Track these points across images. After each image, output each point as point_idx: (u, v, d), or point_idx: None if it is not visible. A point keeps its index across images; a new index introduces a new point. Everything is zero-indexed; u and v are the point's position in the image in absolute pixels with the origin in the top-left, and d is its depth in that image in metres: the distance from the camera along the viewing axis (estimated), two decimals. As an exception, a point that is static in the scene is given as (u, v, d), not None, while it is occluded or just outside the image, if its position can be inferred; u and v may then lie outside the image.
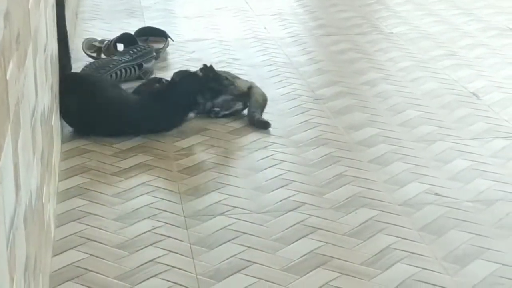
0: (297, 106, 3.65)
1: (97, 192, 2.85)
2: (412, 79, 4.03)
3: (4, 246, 1.39)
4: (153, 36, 4.47)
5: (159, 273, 2.35)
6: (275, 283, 2.30)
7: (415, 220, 2.66)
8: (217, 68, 3.64)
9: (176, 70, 3.78)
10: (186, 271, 2.36)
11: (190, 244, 2.51)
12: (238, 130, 3.41)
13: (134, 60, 3.97)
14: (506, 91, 3.84)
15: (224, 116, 3.50)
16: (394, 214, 2.70)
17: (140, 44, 4.14)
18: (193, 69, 3.61)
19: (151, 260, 2.41)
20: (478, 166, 3.07)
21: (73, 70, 3.71)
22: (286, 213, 2.70)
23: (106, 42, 4.21)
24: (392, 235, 2.56)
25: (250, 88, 3.58)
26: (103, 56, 4.14)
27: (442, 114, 3.58)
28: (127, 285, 2.29)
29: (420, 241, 2.53)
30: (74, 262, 2.40)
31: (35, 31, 2.29)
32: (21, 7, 1.92)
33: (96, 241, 2.52)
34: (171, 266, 2.39)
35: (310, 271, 2.36)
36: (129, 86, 3.70)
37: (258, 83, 3.76)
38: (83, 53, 4.21)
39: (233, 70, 4.08)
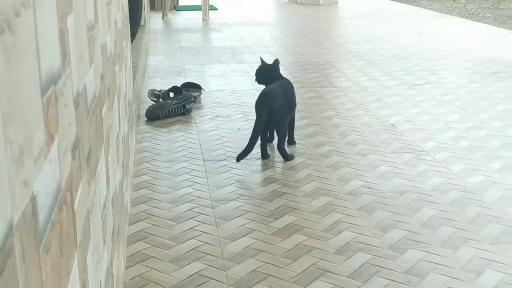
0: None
1: (157, 185, 2.85)
2: (355, 115, 4.03)
3: (99, 220, 1.41)
4: (191, 87, 4.49)
5: (195, 236, 2.35)
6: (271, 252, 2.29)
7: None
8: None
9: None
10: (212, 235, 2.35)
11: (215, 217, 2.50)
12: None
13: (180, 102, 3.99)
14: (413, 123, 3.82)
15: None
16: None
17: (183, 92, 4.17)
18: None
19: (191, 228, 2.41)
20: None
21: (141, 109, 3.71)
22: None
23: (162, 91, 4.23)
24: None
25: None
26: (161, 100, 4.16)
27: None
28: (175, 243, 2.29)
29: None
30: (142, 229, 2.40)
31: (119, 85, 2.31)
32: (111, 70, 1.95)
33: (156, 216, 2.52)
34: (203, 231, 2.38)
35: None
36: (177, 119, 3.68)
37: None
38: (148, 98, 4.23)
39: (242, 109, 4.09)
